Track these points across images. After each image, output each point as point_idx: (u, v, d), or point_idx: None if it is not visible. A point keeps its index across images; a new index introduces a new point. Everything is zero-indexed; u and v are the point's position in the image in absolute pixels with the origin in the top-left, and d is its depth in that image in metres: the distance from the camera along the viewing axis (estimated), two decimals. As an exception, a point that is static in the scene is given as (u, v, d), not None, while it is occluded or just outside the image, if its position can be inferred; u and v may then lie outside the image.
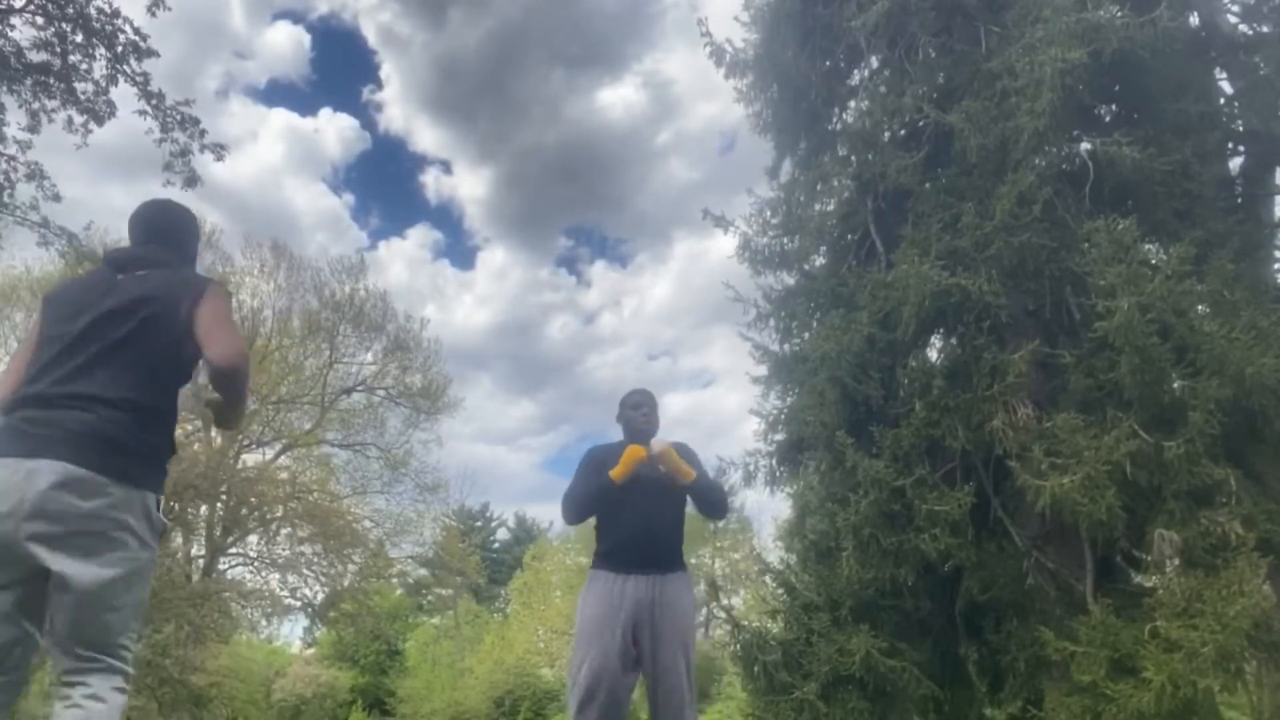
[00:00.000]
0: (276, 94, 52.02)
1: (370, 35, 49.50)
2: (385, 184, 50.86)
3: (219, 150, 10.08)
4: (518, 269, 54.58)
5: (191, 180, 10.11)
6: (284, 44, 45.63)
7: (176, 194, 10.72)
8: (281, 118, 47.57)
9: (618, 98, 52.76)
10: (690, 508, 3.45)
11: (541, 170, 53.24)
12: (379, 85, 53.90)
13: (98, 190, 34.08)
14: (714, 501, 3.41)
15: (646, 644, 3.14)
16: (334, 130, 49.93)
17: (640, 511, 3.27)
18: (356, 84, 53.34)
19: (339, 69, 49.03)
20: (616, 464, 3.28)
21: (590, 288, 55.61)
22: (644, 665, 3.16)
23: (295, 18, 47.58)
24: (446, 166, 59.00)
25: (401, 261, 49.48)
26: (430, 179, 55.41)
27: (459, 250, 55.49)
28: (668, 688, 3.11)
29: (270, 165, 45.96)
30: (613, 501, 3.29)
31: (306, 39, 45.71)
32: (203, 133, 9.90)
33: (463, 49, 49.12)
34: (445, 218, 54.06)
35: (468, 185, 53.70)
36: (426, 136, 54.14)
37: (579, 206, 56.98)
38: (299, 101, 50.27)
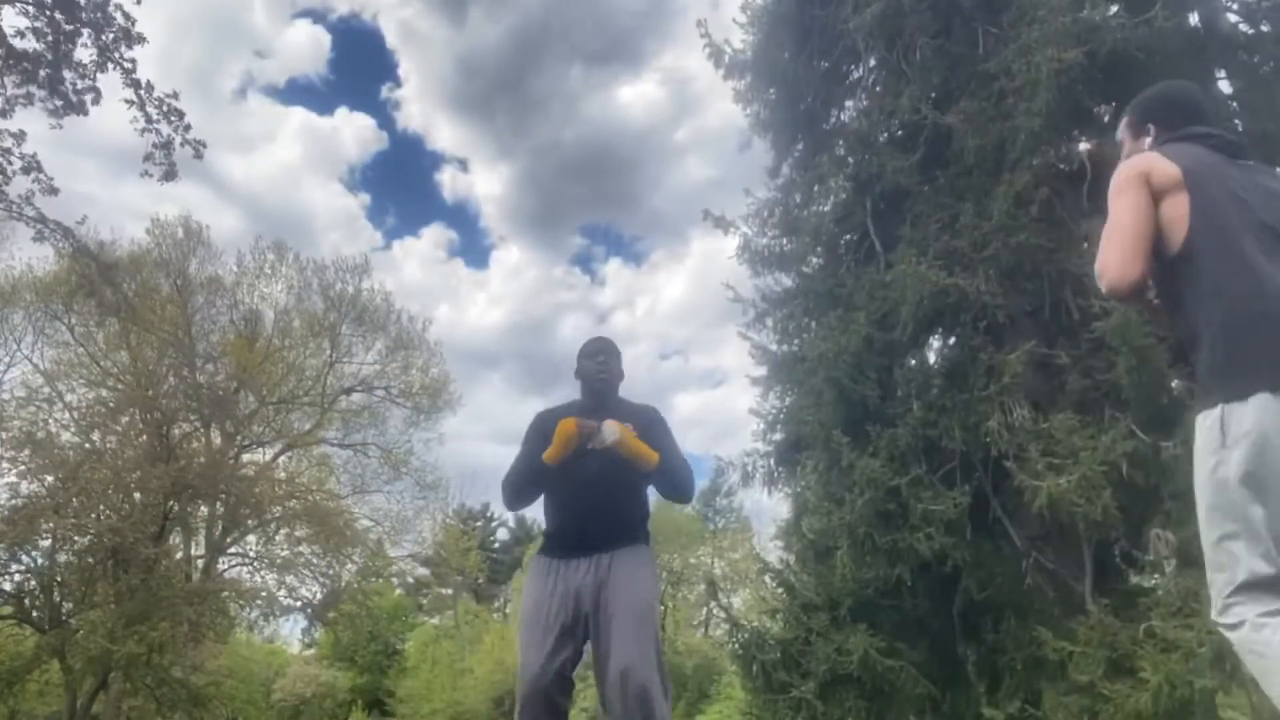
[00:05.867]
0: (295, 93, 52.26)
1: (390, 33, 49.67)
2: (401, 183, 51.16)
3: (198, 146, 9.95)
4: (532, 268, 54.64)
5: (170, 174, 9.97)
6: (304, 43, 45.79)
7: (155, 188, 10.64)
8: (299, 117, 47.73)
9: (636, 95, 52.71)
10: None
11: (559, 167, 53.32)
12: (398, 83, 54.01)
13: (112, 188, 34.19)
14: (677, 486, 2.89)
15: (593, 630, 2.67)
16: (351, 130, 50.07)
17: (585, 489, 2.79)
18: (375, 83, 53.67)
19: (358, 68, 49.29)
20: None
21: (604, 286, 55.70)
22: (596, 653, 2.68)
23: (316, 17, 47.84)
24: (463, 164, 59.02)
25: (415, 261, 49.65)
26: (447, 177, 55.64)
27: (473, 249, 55.86)
28: (622, 669, 2.54)
29: (287, 165, 46.09)
30: (555, 478, 2.84)
31: (327, 39, 45.95)
32: (187, 127, 9.80)
33: (483, 46, 49.18)
34: (461, 216, 54.37)
35: (484, 183, 53.84)
36: (444, 134, 54.28)
37: (595, 204, 57.01)
38: (317, 101, 50.52)
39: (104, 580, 15.83)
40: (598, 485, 2.78)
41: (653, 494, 3.03)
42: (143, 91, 9.40)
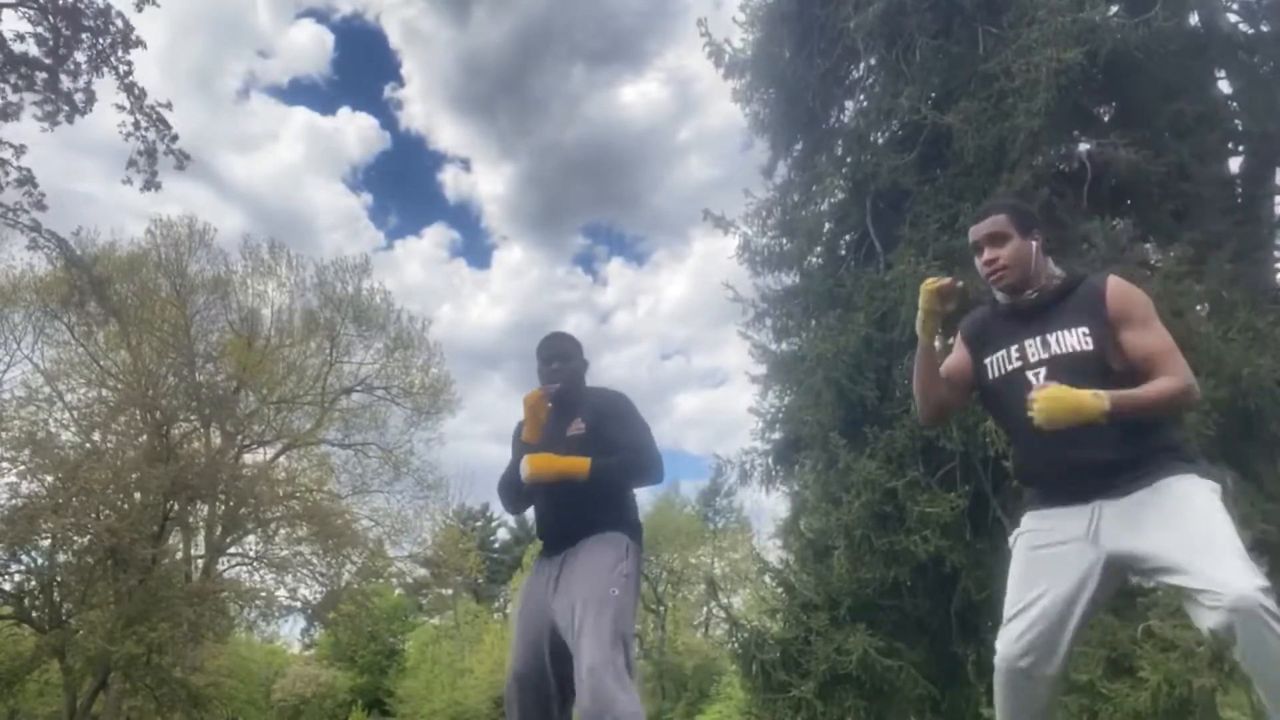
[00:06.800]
0: (298, 93, 52.43)
1: (393, 33, 49.75)
2: (404, 183, 51.25)
3: (182, 157, 9.92)
4: (534, 268, 54.55)
5: (151, 183, 9.92)
6: (307, 43, 45.87)
7: (135, 195, 10.66)
8: (302, 116, 47.76)
9: (639, 94, 52.68)
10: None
11: (561, 167, 53.28)
12: (400, 83, 54.09)
13: (114, 187, 34.28)
14: (630, 475, 2.88)
15: (560, 622, 2.69)
16: (354, 129, 50.11)
17: (545, 494, 2.89)
18: (378, 82, 53.89)
19: (361, 68, 49.48)
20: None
21: (606, 286, 55.78)
22: (568, 645, 2.66)
23: (319, 17, 48.09)
24: (466, 164, 59.16)
25: (418, 261, 49.64)
26: (449, 177, 55.78)
27: (476, 249, 56.04)
28: (583, 663, 2.49)
29: (290, 164, 46.06)
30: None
31: (330, 38, 46.08)
32: (174, 137, 9.79)
33: (485, 45, 49.23)
34: (463, 216, 54.48)
35: (486, 183, 53.87)
36: (447, 134, 54.42)
37: (597, 204, 57.07)
38: (320, 100, 50.66)
39: (103, 580, 15.83)
40: (552, 489, 2.85)
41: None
42: (134, 98, 9.42)
